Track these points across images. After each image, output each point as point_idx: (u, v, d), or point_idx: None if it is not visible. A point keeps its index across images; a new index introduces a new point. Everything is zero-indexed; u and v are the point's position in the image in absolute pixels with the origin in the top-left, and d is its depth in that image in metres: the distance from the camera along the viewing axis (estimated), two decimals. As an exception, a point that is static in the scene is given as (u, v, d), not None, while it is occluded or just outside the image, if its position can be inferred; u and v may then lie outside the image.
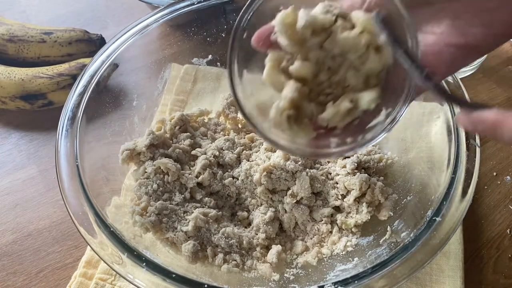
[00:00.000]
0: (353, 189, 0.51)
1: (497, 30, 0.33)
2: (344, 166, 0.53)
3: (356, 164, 0.52)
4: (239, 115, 0.61)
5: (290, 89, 0.35)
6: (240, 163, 0.55)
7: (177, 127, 0.57)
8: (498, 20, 0.26)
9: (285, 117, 0.35)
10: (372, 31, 0.34)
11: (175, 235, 0.49)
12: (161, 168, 0.51)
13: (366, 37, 0.34)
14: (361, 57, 0.34)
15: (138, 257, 0.42)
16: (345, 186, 0.52)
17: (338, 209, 0.53)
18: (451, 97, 0.36)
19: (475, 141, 0.47)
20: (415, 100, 0.36)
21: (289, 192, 0.52)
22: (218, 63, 0.65)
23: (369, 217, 0.50)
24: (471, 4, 0.33)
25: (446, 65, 0.35)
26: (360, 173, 0.51)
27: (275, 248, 0.49)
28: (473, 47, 0.34)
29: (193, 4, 0.58)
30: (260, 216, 0.52)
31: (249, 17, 0.36)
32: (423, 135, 0.54)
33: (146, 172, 0.52)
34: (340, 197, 0.52)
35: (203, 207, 0.52)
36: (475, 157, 0.46)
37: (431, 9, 0.35)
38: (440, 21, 0.35)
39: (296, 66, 0.34)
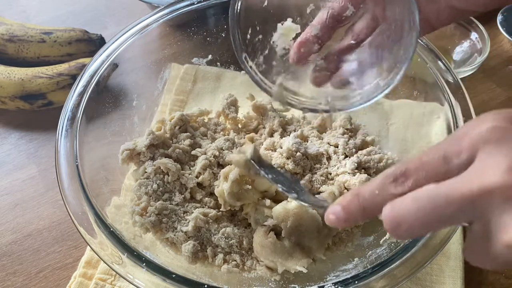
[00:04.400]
0: (353, 189, 0.51)
1: None
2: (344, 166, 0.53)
3: (356, 164, 0.52)
4: (239, 115, 0.61)
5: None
6: (240, 163, 0.55)
7: (177, 127, 0.57)
8: None
9: None
10: None
11: (175, 235, 0.49)
12: (161, 168, 0.51)
13: None
14: None
15: (138, 257, 0.41)
16: (345, 187, 0.51)
17: (338, 209, 0.53)
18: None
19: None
20: (416, 100, 0.36)
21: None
22: (218, 63, 0.65)
23: (369, 217, 0.50)
24: None
25: (440, 22, 0.37)
26: (360, 173, 0.51)
27: (275, 248, 0.49)
28: (471, 12, 0.35)
29: (193, 4, 0.58)
30: (260, 216, 0.51)
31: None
32: (423, 135, 0.54)
33: (146, 172, 0.52)
34: (340, 197, 0.52)
35: (203, 207, 0.51)
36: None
37: None
38: None
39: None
